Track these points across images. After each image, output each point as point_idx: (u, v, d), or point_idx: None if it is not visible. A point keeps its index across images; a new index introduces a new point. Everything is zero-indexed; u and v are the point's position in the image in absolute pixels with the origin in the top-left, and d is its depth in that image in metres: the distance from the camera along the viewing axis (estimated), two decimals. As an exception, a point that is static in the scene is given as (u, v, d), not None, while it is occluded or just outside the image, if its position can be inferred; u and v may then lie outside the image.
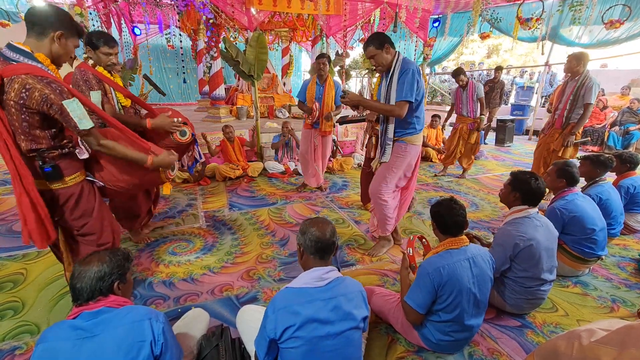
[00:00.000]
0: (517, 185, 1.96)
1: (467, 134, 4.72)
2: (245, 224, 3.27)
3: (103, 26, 6.06)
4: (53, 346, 1.04)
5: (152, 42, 9.11)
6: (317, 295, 1.26)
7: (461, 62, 12.94)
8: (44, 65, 1.45)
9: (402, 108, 2.27)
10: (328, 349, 1.23)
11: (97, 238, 1.84)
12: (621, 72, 8.73)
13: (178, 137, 2.28)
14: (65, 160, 1.64)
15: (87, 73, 2.14)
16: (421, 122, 2.48)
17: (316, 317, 1.21)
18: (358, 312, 1.30)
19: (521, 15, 5.47)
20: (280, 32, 8.49)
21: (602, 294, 2.27)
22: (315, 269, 1.31)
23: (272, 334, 1.21)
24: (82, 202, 1.74)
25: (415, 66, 2.27)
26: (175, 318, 1.74)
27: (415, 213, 3.59)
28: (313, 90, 3.75)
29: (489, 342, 1.83)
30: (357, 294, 1.33)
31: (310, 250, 1.33)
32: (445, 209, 1.65)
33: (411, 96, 2.24)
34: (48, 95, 1.39)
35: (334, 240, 1.35)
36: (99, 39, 2.19)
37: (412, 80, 2.23)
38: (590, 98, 3.33)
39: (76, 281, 1.13)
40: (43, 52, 1.47)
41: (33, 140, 1.50)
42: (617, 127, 6.71)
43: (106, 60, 2.23)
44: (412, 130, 2.44)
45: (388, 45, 2.27)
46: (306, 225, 1.37)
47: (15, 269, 2.45)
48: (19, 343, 1.77)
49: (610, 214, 2.66)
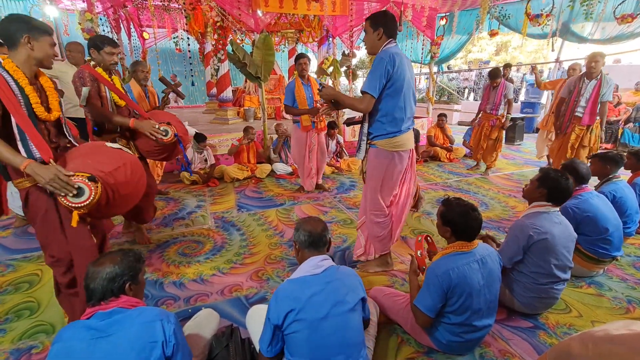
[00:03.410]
0: (546, 182, 1.92)
1: (489, 130, 4.78)
2: (254, 225, 3.28)
3: (113, 31, 6.17)
4: (68, 346, 1.06)
5: (160, 45, 9.24)
6: (315, 280, 1.34)
7: (469, 60, 12.80)
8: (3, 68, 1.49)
9: (363, 101, 2.01)
10: (329, 331, 1.27)
11: (44, 247, 1.75)
12: (635, 68, 8.50)
13: (161, 137, 2.33)
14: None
15: (84, 72, 2.29)
16: (396, 124, 2.09)
17: (315, 299, 1.28)
18: (355, 293, 1.37)
19: (530, 11, 5.39)
20: (286, 34, 8.53)
21: (617, 295, 2.21)
22: (311, 259, 1.40)
23: (276, 320, 1.27)
24: (28, 206, 1.66)
25: (390, 54, 1.96)
26: (186, 318, 1.76)
27: (423, 213, 3.56)
28: (302, 91, 3.72)
29: (500, 344, 1.80)
30: (352, 278, 1.42)
31: (304, 244, 1.43)
32: (461, 216, 1.58)
33: (374, 89, 1.97)
34: None
35: (325, 233, 1.45)
36: (103, 41, 2.36)
37: (377, 70, 1.95)
38: (610, 96, 3.62)
39: (89, 281, 1.16)
40: (19, 57, 1.53)
41: None
42: (631, 124, 6.54)
43: (109, 59, 2.37)
44: (382, 132, 2.11)
45: (382, 30, 2.03)
46: (299, 223, 1.49)
47: (31, 270, 2.51)
48: (35, 342, 1.81)
49: (625, 212, 2.60)
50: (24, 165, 1.44)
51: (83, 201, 1.47)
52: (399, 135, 2.13)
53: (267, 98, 7.08)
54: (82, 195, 1.47)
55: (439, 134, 5.97)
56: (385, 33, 2.05)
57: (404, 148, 2.16)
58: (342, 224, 3.33)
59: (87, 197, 1.48)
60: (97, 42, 2.34)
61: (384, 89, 2.02)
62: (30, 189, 1.63)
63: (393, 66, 1.97)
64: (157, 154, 2.59)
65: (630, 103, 6.88)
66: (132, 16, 7.10)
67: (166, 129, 2.34)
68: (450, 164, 5.74)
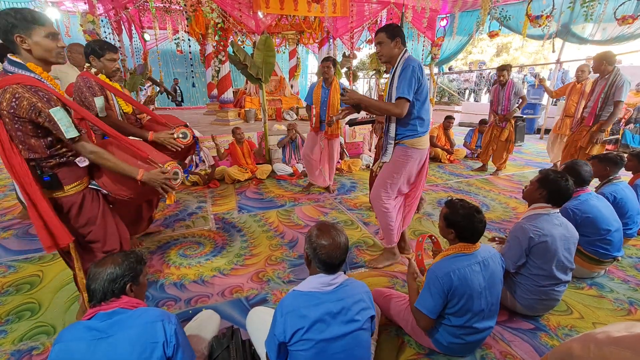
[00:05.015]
0: (546, 183, 1.92)
1: (499, 132, 4.81)
2: (254, 226, 3.29)
3: (114, 33, 6.18)
4: (69, 346, 1.06)
5: (161, 47, 9.27)
6: (325, 298, 1.26)
7: (470, 62, 12.81)
8: (36, 73, 1.45)
9: (400, 106, 2.13)
10: (337, 350, 1.24)
11: (101, 245, 1.82)
12: (636, 69, 8.49)
13: (180, 140, 2.35)
14: (64, 169, 1.61)
15: (90, 80, 2.17)
16: (425, 124, 2.30)
17: (324, 319, 1.22)
18: (365, 312, 1.31)
19: (531, 12, 5.39)
20: (287, 35, 8.54)
21: (619, 296, 2.21)
22: (323, 275, 1.31)
23: (282, 337, 1.22)
24: (85, 210, 1.72)
25: (417, 63, 2.14)
26: (187, 319, 1.76)
27: (424, 214, 3.56)
28: (319, 94, 3.76)
29: (501, 345, 1.80)
30: (363, 295, 1.34)
31: (318, 264, 1.31)
32: (465, 218, 1.57)
33: (408, 93, 2.11)
34: (36, 104, 1.39)
35: (344, 257, 1.31)
36: (103, 47, 2.24)
37: (410, 77, 2.10)
38: (620, 95, 3.43)
39: (90, 282, 1.16)
40: (31, 61, 1.46)
41: (30, 150, 1.49)
42: (631, 125, 6.53)
43: (112, 65, 2.28)
44: (413, 133, 2.28)
45: (399, 40, 2.17)
46: (316, 237, 1.30)
47: (32, 271, 2.51)
48: (36, 343, 1.82)
49: (625, 214, 2.59)
50: (141, 174, 1.67)
51: (179, 182, 1.91)
52: (425, 135, 2.33)
53: (267, 99, 7.09)
54: (179, 178, 1.91)
55: (441, 136, 5.97)
56: (402, 42, 2.20)
57: (425, 147, 2.37)
58: (343, 225, 3.33)
59: (180, 179, 1.92)
60: (96, 48, 2.22)
61: (415, 93, 2.17)
62: (85, 192, 1.71)
63: (422, 74, 2.15)
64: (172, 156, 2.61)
65: (631, 104, 6.87)
66: (133, 18, 7.12)
67: (185, 132, 2.34)
68: (450, 165, 5.74)
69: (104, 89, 2.25)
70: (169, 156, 2.59)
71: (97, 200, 1.79)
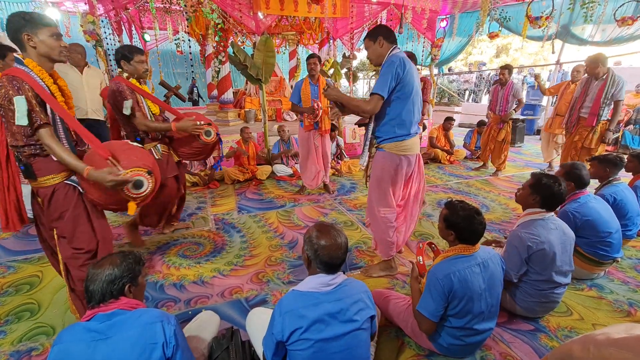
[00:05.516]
0: (539, 189, 1.90)
1: (497, 132, 4.86)
2: (254, 227, 3.28)
3: (115, 33, 6.18)
4: (68, 348, 1.06)
5: (161, 47, 9.27)
6: (323, 298, 1.27)
7: (470, 63, 12.82)
8: (29, 68, 1.57)
9: (371, 103, 1.98)
10: (336, 349, 1.24)
11: (68, 241, 1.79)
12: (636, 70, 8.52)
13: (204, 137, 2.40)
14: (39, 160, 1.65)
15: (121, 84, 2.33)
16: (405, 127, 2.09)
17: (323, 319, 1.23)
18: (364, 312, 1.31)
19: (531, 13, 5.40)
20: (287, 36, 8.55)
21: (619, 298, 2.21)
22: (322, 275, 1.32)
23: (280, 336, 1.22)
24: (54, 203, 1.71)
25: (400, 58, 1.97)
26: (186, 320, 1.76)
27: (424, 215, 3.56)
28: (308, 91, 3.74)
29: (501, 347, 1.80)
30: (362, 295, 1.34)
31: (319, 265, 1.31)
32: (465, 220, 1.56)
33: (382, 90, 1.95)
34: (7, 91, 1.50)
35: (345, 257, 1.32)
36: (131, 51, 2.39)
37: (387, 72, 1.94)
38: (621, 95, 3.56)
39: (89, 283, 1.16)
40: (32, 58, 1.59)
41: (12, 137, 1.59)
42: (631, 126, 6.54)
43: (141, 67, 2.42)
44: (391, 136, 2.10)
45: (381, 38, 2.05)
46: (317, 238, 1.30)
47: (32, 272, 2.51)
48: (35, 344, 1.81)
49: (625, 215, 2.59)
50: (86, 171, 1.59)
51: (142, 192, 1.71)
52: (408, 139, 2.13)
53: (267, 100, 7.09)
54: (142, 187, 1.70)
55: (441, 137, 5.97)
56: (385, 39, 2.07)
57: (411, 152, 2.17)
58: (343, 225, 3.33)
59: (146, 189, 1.71)
60: (126, 53, 2.37)
61: (394, 91, 2.02)
62: (58, 185, 1.71)
63: (403, 70, 1.98)
64: (196, 155, 2.71)
65: (631, 105, 6.87)
66: (133, 18, 7.12)
67: (209, 130, 2.38)
68: (450, 166, 5.74)
69: (134, 93, 2.39)
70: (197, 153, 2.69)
71: (72, 197, 1.75)
